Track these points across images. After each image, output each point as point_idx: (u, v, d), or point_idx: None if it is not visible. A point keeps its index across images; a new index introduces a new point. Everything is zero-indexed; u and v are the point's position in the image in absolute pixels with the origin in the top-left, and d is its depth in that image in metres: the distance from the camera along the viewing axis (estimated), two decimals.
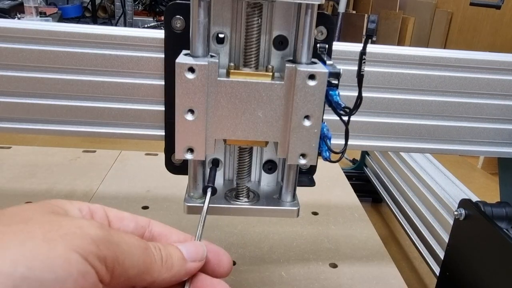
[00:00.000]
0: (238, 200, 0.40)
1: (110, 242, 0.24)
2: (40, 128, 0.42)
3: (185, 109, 0.33)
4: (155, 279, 0.26)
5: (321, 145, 0.35)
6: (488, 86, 0.46)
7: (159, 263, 0.27)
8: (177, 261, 0.28)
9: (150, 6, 3.24)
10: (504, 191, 0.56)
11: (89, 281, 0.22)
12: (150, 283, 0.26)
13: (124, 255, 0.24)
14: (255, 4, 0.34)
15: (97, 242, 0.23)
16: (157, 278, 0.27)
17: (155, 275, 0.26)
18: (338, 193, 0.78)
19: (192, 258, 0.29)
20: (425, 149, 0.48)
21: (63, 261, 0.21)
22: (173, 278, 0.28)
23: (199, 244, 0.30)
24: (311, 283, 0.53)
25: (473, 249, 0.49)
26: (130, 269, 0.25)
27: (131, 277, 0.25)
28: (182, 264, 0.28)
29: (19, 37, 0.39)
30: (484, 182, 1.28)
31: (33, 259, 0.20)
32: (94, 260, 0.22)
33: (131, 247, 0.25)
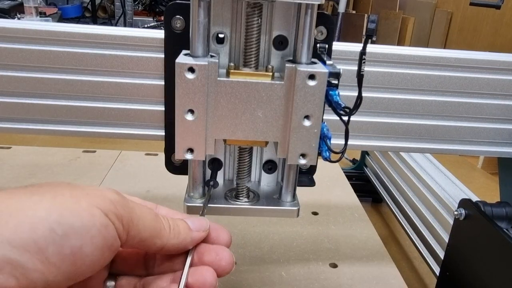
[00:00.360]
0: (238, 200, 0.40)
1: (126, 205, 0.27)
2: (40, 128, 0.42)
3: (185, 109, 0.33)
4: (164, 244, 0.29)
5: (321, 145, 0.35)
6: (488, 86, 0.46)
7: (167, 230, 0.30)
8: (184, 229, 0.31)
9: (150, 6, 3.24)
10: (504, 191, 0.56)
11: (110, 233, 0.25)
12: (160, 247, 0.29)
13: (138, 218, 0.27)
14: (255, 4, 0.34)
15: (114, 203, 0.26)
16: (166, 243, 0.29)
17: (164, 240, 0.29)
18: (338, 193, 0.78)
19: (196, 228, 0.32)
20: (425, 149, 0.48)
21: (88, 213, 0.24)
22: (181, 245, 0.30)
23: (203, 218, 0.33)
24: (311, 283, 0.53)
25: (473, 249, 0.49)
26: (143, 231, 0.28)
27: (144, 239, 0.28)
28: (188, 232, 0.31)
29: (19, 37, 0.39)
30: (484, 182, 1.28)
31: (63, 209, 0.24)
32: (112, 217, 0.25)
33: (143, 213, 0.28)
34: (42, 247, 0.22)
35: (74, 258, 0.24)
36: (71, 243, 0.23)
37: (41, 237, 0.22)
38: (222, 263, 0.31)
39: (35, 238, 0.22)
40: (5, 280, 0.21)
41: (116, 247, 0.26)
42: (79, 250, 0.24)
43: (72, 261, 0.23)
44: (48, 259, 0.22)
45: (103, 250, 0.25)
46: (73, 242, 0.23)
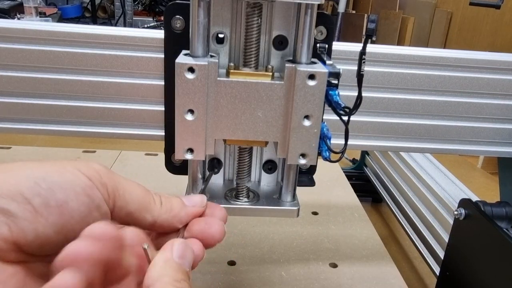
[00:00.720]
0: (238, 200, 0.40)
1: (111, 176, 0.28)
2: (40, 128, 0.42)
3: (185, 109, 0.33)
4: (155, 218, 0.29)
5: (321, 145, 0.35)
6: (488, 86, 0.46)
7: (158, 205, 0.30)
8: (177, 205, 0.31)
9: (150, 6, 3.24)
10: (504, 190, 0.56)
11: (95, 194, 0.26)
12: (152, 222, 0.29)
13: (124, 189, 0.28)
14: (254, 4, 0.34)
15: (99, 172, 0.27)
16: (157, 217, 0.29)
17: (155, 214, 0.29)
18: (338, 193, 0.78)
19: (192, 204, 0.32)
20: (425, 149, 0.48)
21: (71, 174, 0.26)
22: (174, 219, 0.30)
23: (199, 195, 0.33)
24: (311, 283, 0.53)
25: (473, 248, 0.49)
26: (130, 203, 0.28)
27: (132, 211, 0.28)
28: (182, 207, 0.31)
29: (19, 37, 0.39)
30: (484, 181, 1.28)
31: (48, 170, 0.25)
32: (97, 182, 0.26)
33: (130, 185, 0.29)
34: (28, 198, 0.23)
35: (60, 211, 0.24)
36: (56, 196, 0.24)
37: (27, 188, 0.24)
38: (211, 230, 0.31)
39: (20, 189, 0.23)
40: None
41: (105, 211, 0.27)
42: (65, 203, 0.25)
43: (59, 213, 0.24)
44: (35, 209, 0.24)
45: (90, 208, 0.26)
46: (58, 196, 0.24)
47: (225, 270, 0.54)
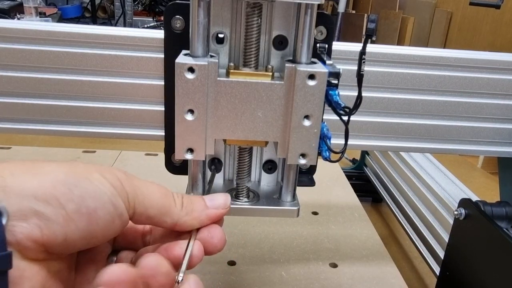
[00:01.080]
0: (238, 200, 0.40)
1: (131, 183, 0.28)
2: (40, 128, 0.42)
3: (185, 109, 0.33)
4: (175, 221, 0.30)
5: (321, 145, 0.35)
6: (488, 86, 0.46)
7: (179, 208, 0.30)
8: (198, 207, 0.31)
9: (150, 6, 3.24)
10: (504, 190, 0.56)
11: (119, 203, 0.27)
12: (172, 224, 0.30)
13: (143, 195, 0.29)
14: (254, 4, 0.34)
15: (121, 180, 0.28)
16: (177, 220, 0.30)
17: (174, 217, 0.30)
18: (338, 193, 0.78)
19: (214, 206, 0.32)
20: (425, 149, 0.48)
21: (99, 182, 0.27)
22: (195, 221, 0.31)
23: (223, 195, 0.33)
24: (311, 283, 0.53)
25: (473, 248, 0.49)
26: (150, 208, 0.29)
27: (152, 216, 0.29)
28: (203, 209, 0.31)
29: (19, 38, 0.39)
30: (484, 181, 1.28)
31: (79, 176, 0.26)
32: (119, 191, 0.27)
33: (150, 190, 0.29)
34: (63, 203, 0.24)
35: (89, 218, 0.26)
36: (86, 204, 0.25)
37: (62, 194, 0.25)
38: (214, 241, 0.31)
39: (56, 194, 0.24)
40: (31, 229, 0.24)
41: (125, 219, 0.28)
42: (94, 212, 0.26)
43: (88, 220, 0.25)
44: (68, 215, 0.25)
45: (113, 218, 0.27)
46: (88, 203, 0.25)
47: (225, 270, 0.54)
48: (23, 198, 0.24)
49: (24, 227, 0.23)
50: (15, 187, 0.24)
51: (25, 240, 0.24)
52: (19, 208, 0.23)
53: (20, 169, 0.25)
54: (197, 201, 0.32)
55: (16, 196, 0.24)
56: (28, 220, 0.24)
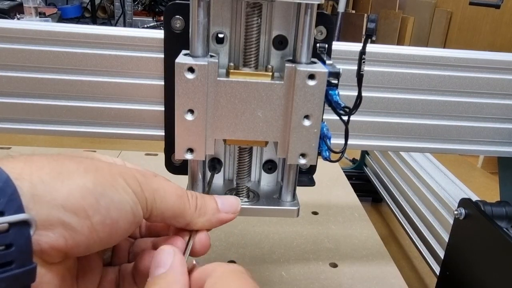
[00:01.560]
0: None
1: (150, 187, 0.28)
2: (40, 128, 0.42)
3: (185, 109, 0.33)
4: (188, 222, 0.31)
5: (321, 145, 0.35)
6: (488, 86, 0.46)
7: (192, 210, 0.31)
8: (211, 210, 0.32)
9: (150, 6, 3.24)
10: (504, 190, 0.56)
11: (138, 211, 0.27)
12: (184, 225, 0.31)
13: (161, 199, 0.29)
14: (254, 4, 0.34)
15: (141, 184, 0.28)
16: (190, 221, 0.31)
17: (188, 219, 0.31)
18: (338, 193, 0.78)
19: (225, 210, 0.33)
20: (425, 149, 0.48)
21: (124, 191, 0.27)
22: (206, 223, 0.32)
23: (234, 198, 0.34)
24: (311, 282, 0.53)
25: (473, 248, 0.49)
26: (165, 211, 0.29)
27: (166, 218, 0.30)
28: (215, 213, 0.32)
29: (18, 38, 0.39)
30: (484, 181, 1.28)
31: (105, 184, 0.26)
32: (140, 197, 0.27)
33: (167, 193, 0.29)
34: (90, 214, 0.25)
35: (110, 229, 0.26)
36: (111, 215, 0.26)
37: (89, 205, 0.25)
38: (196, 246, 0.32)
39: (84, 205, 0.24)
40: (56, 239, 0.24)
41: (139, 223, 0.28)
42: (116, 222, 0.26)
43: (109, 231, 0.26)
44: (93, 226, 0.25)
45: (131, 225, 0.27)
46: (112, 215, 0.26)
47: None
48: (52, 208, 0.23)
49: (50, 237, 0.23)
50: (45, 196, 0.23)
51: (49, 250, 0.24)
52: (47, 218, 0.23)
53: (50, 175, 0.24)
54: (210, 203, 0.32)
55: (45, 205, 0.23)
56: (54, 230, 0.23)
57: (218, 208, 0.32)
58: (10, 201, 0.22)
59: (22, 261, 0.22)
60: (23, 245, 0.22)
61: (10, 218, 0.22)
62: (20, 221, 0.22)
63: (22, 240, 0.22)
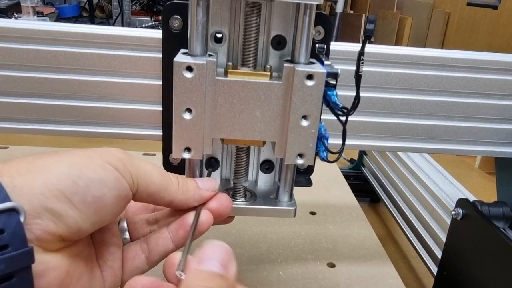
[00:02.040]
0: (235, 199, 0.40)
1: (132, 162, 0.30)
2: (38, 128, 0.42)
3: (183, 108, 0.33)
4: (172, 198, 0.32)
5: (319, 145, 0.35)
6: (486, 86, 0.46)
7: (175, 185, 0.32)
8: (192, 188, 0.33)
9: (148, 5, 3.24)
10: (501, 190, 0.56)
11: (123, 185, 0.28)
12: (169, 202, 0.32)
13: (145, 173, 0.30)
14: (253, 3, 0.34)
15: (122, 160, 0.29)
16: (174, 198, 0.32)
17: (172, 194, 0.32)
18: (335, 193, 0.78)
19: (205, 188, 0.34)
20: (423, 149, 0.48)
21: (102, 169, 0.28)
22: (189, 201, 0.33)
23: (212, 179, 0.36)
24: (309, 282, 0.53)
25: (470, 248, 0.49)
26: (151, 185, 0.31)
27: (152, 193, 0.31)
28: (196, 190, 0.34)
29: (16, 37, 0.39)
30: (481, 181, 1.29)
31: (82, 166, 0.27)
32: (122, 171, 0.29)
33: (149, 169, 0.31)
34: (69, 196, 0.26)
35: (96, 206, 0.27)
36: (92, 193, 0.27)
37: (67, 188, 0.26)
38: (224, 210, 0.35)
39: (61, 189, 0.26)
40: (46, 224, 0.25)
41: (129, 198, 0.30)
42: (100, 199, 0.27)
43: (94, 208, 0.27)
44: (75, 206, 0.26)
45: (118, 200, 0.28)
46: (94, 192, 0.27)
47: None
48: (32, 197, 0.25)
49: (40, 223, 0.25)
50: (24, 187, 0.25)
51: (44, 235, 0.25)
52: (32, 207, 0.25)
53: (26, 168, 0.26)
54: (191, 182, 0.34)
55: (26, 195, 0.25)
56: (42, 217, 0.25)
57: (198, 186, 0.34)
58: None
59: (16, 245, 0.24)
60: (14, 230, 0.24)
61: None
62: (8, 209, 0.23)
63: (12, 226, 0.23)
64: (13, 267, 0.23)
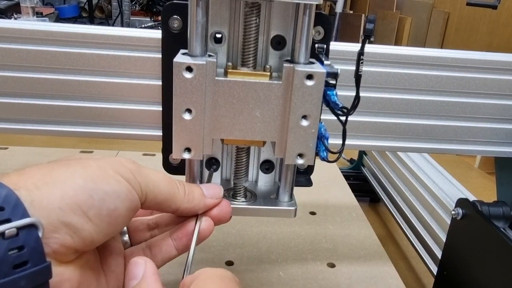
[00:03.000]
0: (235, 199, 0.40)
1: (141, 173, 0.30)
2: (37, 128, 0.42)
3: (182, 108, 0.33)
4: (178, 206, 0.33)
5: (319, 145, 0.35)
6: (485, 86, 0.46)
7: (182, 194, 0.33)
8: (198, 196, 0.34)
9: (147, 6, 3.24)
10: (501, 190, 0.56)
11: (134, 197, 0.29)
12: (175, 210, 0.33)
13: (153, 183, 0.31)
14: (253, 4, 0.34)
15: (132, 171, 0.30)
16: (180, 206, 0.33)
17: (178, 203, 0.33)
18: (335, 193, 0.78)
19: (210, 196, 0.35)
20: (423, 149, 0.48)
21: (115, 181, 0.28)
22: (193, 209, 0.34)
23: (217, 186, 0.37)
24: (309, 282, 0.53)
25: (470, 248, 0.49)
26: (159, 195, 0.31)
27: (160, 202, 0.32)
28: (202, 198, 0.34)
29: (15, 37, 0.39)
30: (481, 181, 1.29)
31: (96, 178, 0.28)
32: (134, 184, 0.29)
33: (158, 178, 0.32)
34: (85, 210, 0.26)
35: (110, 219, 0.28)
36: (107, 206, 0.27)
37: (83, 202, 0.26)
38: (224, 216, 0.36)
39: (78, 202, 0.26)
40: (63, 238, 0.25)
41: (138, 208, 0.30)
42: (114, 212, 0.28)
43: (108, 221, 0.28)
44: (91, 220, 0.27)
45: (129, 211, 0.29)
46: (108, 205, 0.27)
47: None
48: (50, 211, 0.25)
49: (57, 237, 0.25)
50: (42, 201, 0.25)
51: (60, 249, 0.25)
52: (49, 221, 0.25)
53: (43, 180, 0.26)
54: (196, 191, 0.34)
55: (44, 210, 0.25)
56: (59, 231, 0.25)
57: (203, 194, 0.35)
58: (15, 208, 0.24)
59: (36, 261, 0.24)
60: (33, 245, 0.24)
61: (17, 223, 0.23)
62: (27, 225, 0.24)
63: (32, 241, 0.24)
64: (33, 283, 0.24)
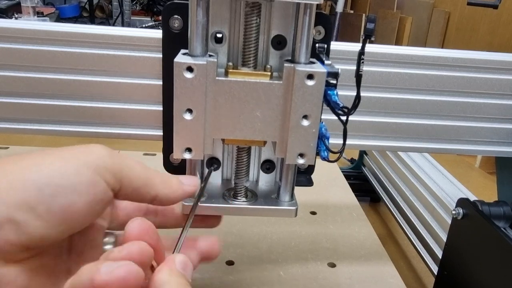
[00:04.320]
0: (236, 199, 0.40)
1: (115, 158, 0.29)
2: (38, 128, 0.42)
3: (183, 108, 0.33)
4: (156, 193, 0.31)
5: (319, 145, 0.35)
6: (486, 86, 0.46)
7: (158, 180, 0.32)
8: (175, 183, 0.33)
9: (148, 6, 3.24)
10: (502, 190, 0.56)
11: (98, 189, 0.27)
12: (153, 197, 0.31)
13: (128, 168, 0.30)
14: (253, 3, 0.34)
15: (102, 157, 0.28)
16: (158, 192, 0.31)
17: (156, 188, 0.31)
18: (336, 193, 0.78)
19: (187, 183, 0.34)
20: (423, 149, 0.48)
21: (75, 173, 0.26)
22: (172, 196, 0.33)
23: (193, 176, 0.36)
24: (309, 282, 0.53)
25: (471, 248, 0.49)
26: (134, 180, 0.30)
27: (136, 188, 0.30)
28: (179, 185, 0.33)
29: (16, 37, 0.39)
30: (482, 181, 1.29)
31: (51, 170, 0.26)
32: (102, 170, 0.27)
33: (132, 163, 0.30)
34: (33, 206, 0.25)
35: (63, 215, 0.26)
36: (58, 202, 0.26)
37: (31, 197, 0.25)
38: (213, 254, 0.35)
39: (26, 198, 0.25)
40: (6, 235, 0.24)
41: (108, 199, 0.28)
42: (69, 207, 0.26)
43: (62, 217, 0.26)
44: (39, 216, 0.25)
45: (91, 205, 0.27)
46: (60, 201, 0.26)
47: (224, 270, 0.54)
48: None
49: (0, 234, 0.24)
50: None
51: (4, 245, 0.24)
52: None
53: None
54: (173, 178, 0.34)
55: None
56: (3, 226, 0.24)
57: (181, 181, 0.34)
58: None
59: None
60: None
61: None
62: None
63: None
64: None
